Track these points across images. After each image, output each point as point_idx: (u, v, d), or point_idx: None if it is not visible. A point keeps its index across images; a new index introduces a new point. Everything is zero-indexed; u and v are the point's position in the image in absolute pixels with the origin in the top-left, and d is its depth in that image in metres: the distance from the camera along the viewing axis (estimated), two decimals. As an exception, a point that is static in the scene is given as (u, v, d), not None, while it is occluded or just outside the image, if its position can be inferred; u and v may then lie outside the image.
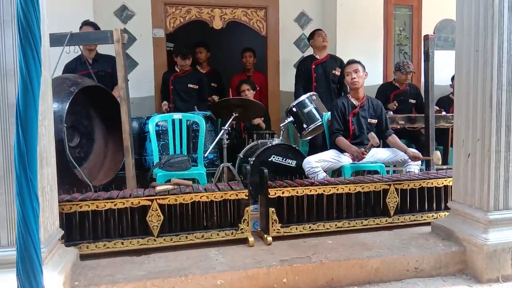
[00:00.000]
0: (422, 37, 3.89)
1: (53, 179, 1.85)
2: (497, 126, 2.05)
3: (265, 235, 2.30)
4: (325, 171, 3.22)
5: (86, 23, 3.82)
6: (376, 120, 3.49)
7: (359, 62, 3.42)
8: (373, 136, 3.21)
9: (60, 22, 3.36)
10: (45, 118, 1.74)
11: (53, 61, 2.69)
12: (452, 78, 4.89)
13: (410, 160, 3.25)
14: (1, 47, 1.56)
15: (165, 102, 4.21)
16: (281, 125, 3.86)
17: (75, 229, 2.07)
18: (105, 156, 3.29)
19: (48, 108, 1.82)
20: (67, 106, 2.63)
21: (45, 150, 1.73)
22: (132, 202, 2.12)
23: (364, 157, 3.22)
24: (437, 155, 3.21)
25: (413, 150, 3.29)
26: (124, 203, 2.11)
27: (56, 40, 2.87)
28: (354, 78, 3.36)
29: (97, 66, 3.84)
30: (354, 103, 3.46)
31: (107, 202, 2.10)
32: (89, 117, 3.18)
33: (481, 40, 2.10)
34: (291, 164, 3.49)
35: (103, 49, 3.89)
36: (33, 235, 1.06)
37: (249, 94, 4.42)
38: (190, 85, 4.35)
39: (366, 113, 3.47)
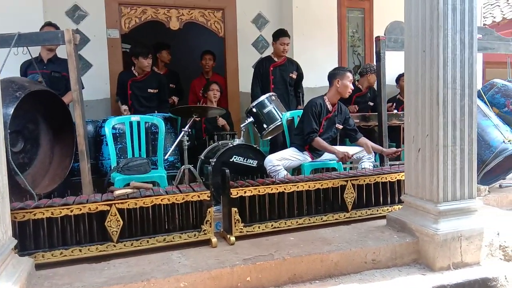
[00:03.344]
0: (374, 39, 4.05)
1: (4, 186, 1.76)
2: (444, 122, 2.18)
3: (228, 235, 2.31)
4: (286, 169, 3.27)
5: (47, 23, 3.67)
6: (342, 126, 3.58)
7: (350, 71, 3.54)
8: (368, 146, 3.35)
9: (6, 23, 3.21)
10: (-7, 122, 1.65)
11: None
12: (397, 79, 5.13)
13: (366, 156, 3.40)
14: None
15: (125, 107, 4.05)
16: (241, 125, 3.88)
17: (30, 237, 1.98)
18: (50, 161, 3.14)
19: (-3, 113, 1.73)
20: (12, 111, 2.49)
21: (-6, 156, 1.65)
22: (89, 208, 2.06)
23: (348, 160, 3.27)
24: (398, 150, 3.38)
25: (391, 150, 3.43)
26: (81, 209, 2.05)
27: (3, 41, 2.74)
28: (350, 91, 3.45)
29: (52, 67, 3.69)
30: (329, 107, 3.51)
31: (63, 209, 2.02)
32: (36, 121, 3.03)
33: (428, 40, 2.22)
34: (252, 164, 3.52)
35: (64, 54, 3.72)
36: (-15, 244, 1.01)
37: (217, 94, 4.45)
38: (150, 90, 4.21)
39: (336, 118, 3.54)
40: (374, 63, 4.58)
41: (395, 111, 4.53)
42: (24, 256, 1.92)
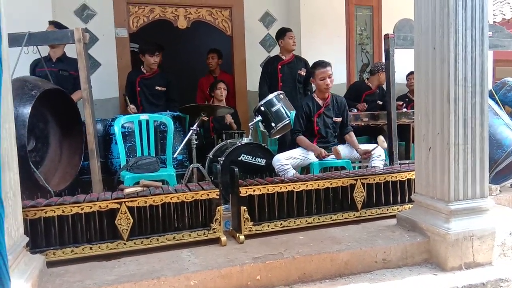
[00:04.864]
0: (383, 37, 4.02)
1: (16, 184, 1.77)
2: (455, 120, 2.15)
3: (237, 234, 2.31)
4: (294, 168, 3.27)
5: (50, 22, 3.69)
6: (341, 118, 3.59)
7: (330, 64, 3.49)
8: (382, 140, 3.29)
9: (17, 22, 3.23)
10: (5, 121, 1.66)
11: (12, 62, 2.59)
12: (407, 76, 5.09)
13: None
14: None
15: (132, 106, 4.09)
16: (249, 124, 3.88)
17: (41, 235, 2.00)
18: (59, 160, 3.17)
19: (9, 111, 1.75)
20: (30, 110, 2.52)
21: (6, 154, 1.66)
22: (100, 206, 2.07)
23: (326, 157, 3.29)
24: (380, 138, 3.33)
25: (363, 149, 3.41)
26: (91, 207, 2.06)
27: (14, 40, 2.76)
28: (329, 84, 3.44)
29: (60, 65, 3.73)
30: (320, 103, 3.53)
31: (74, 207, 2.03)
32: (45, 120, 3.06)
33: (438, 37, 2.19)
34: (260, 163, 3.51)
35: (72, 53, 3.74)
36: (-1, 241, 1.02)
37: (224, 93, 4.46)
38: (158, 88, 4.26)
39: (331, 112, 3.55)
40: (383, 61, 4.56)
41: (405, 109, 4.49)
42: (35, 253, 1.94)
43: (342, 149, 3.51)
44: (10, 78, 1.95)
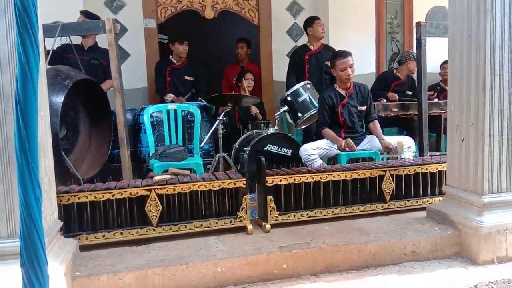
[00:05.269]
0: (414, 25, 3.90)
1: (50, 170, 1.84)
2: (491, 110, 2.07)
3: (264, 223, 2.32)
4: (321, 159, 3.24)
5: (81, 12, 3.78)
6: (365, 107, 3.51)
7: (350, 54, 3.42)
8: (401, 145, 3.23)
9: (47, 12, 3.32)
10: (41, 108, 1.72)
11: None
12: (441, 65, 4.93)
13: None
14: (-5, 37, 1.54)
15: (170, 94, 4.16)
16: (276, 114, 3.87)
17: (74, 220, 2.07)
18: (88, 148, 3.26)
19: (44, 99, 1.80)
20: (62, 99, 2.59)
21: (42, 141, 1.71)
22: (130, 193, 2.12)
23: (347, 149, 3.25)
24: (400, 144, 3.25)
25: (387, 142, 3.31)
26: (122, 194, 2.11)
27: (48, 31, 2.83)
28: (350, 74, 3.37)
29: (92, 54, 3.82)
30: (342, 93, 3.46)
31: (105, 193, 2.09)
32: (76, 108, 3.14)
33: (474, 25, 2.11)
34: (286, 153, 3.51)
35: (102, 43, 3.82)
36: (37, 223, 1.06)
37: (252, 84, 4.47)
38: (187, 77, 4.34)
39: (354, 101, 3.48)
40: (414, 50, 4.43)
41: (436, 99, 4.36)
42: (68, 237, 2.01)
43: (368, 141, 3.46)
44: (45, 67, 2.01)
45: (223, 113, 3.57)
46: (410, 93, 4.67)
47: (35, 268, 1.08)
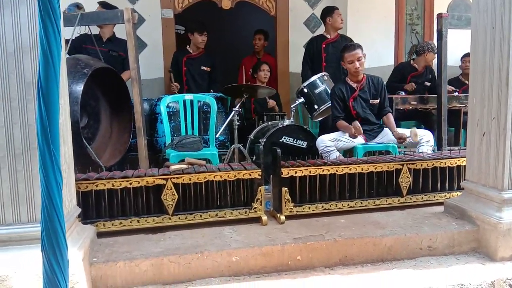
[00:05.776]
0: (435, 16, 3.82)
1: (69, 157, 1.86)
2: (514, 104, 2.02)
3: (278, 214, 2.32)
4: (338, 151, 3.22)
5: (99, 2, 3.81)
6: (378, 100, 3.45)
7: (359, 46, 3.36)
8: (415, 133, 3.17)
9: (68, 3, 3.36)
10: (61, 96, 1.73)
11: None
12: (462, 58, 4.81)
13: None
14: (17, 24, 1.56)
15: (176, 83, 4.18)
16: (291, 106, 3.85)
17: (92, 207, 2.10)
18: (110, 137, 3.30)
19: (64, 86, 1.82)
20: (82, 87, 2.63)
21: (61, 128, 1.73)
22: (147, 181, 2.14)
23: (357, 136, 3.23)
24: (413, 131, 3.18)
25: (400, 133, 3.25)
26: (139, 182, 2.13)
27: (67, 20, 2.86)
28: (358, 67, 3.31)
29: (111, 45, 3.85)
30: (353, 86, 3.41)
31: (123, 181, 2.12)
32: (96, 98, 3.18)
33: (498, 16, 2.05)
34: (302, 145, 3.49)
35: (120, 33, 3.85)
36: (57, 208, 1.08)
37: (268, 75, 4.46)
38: (203, 68, 4.34)
39: (366, 94, 3.42)
40: (434, 41, 4.35)
41: (456, 93, 4.27)
42: (86, 224, 2.04)
43: (385, 134, 3.41)
44: (65, 56, 2.03)
45: (238, 104, 3.57)
46: (428, 84, 4.58)
47: (55, 252, 1.10)
